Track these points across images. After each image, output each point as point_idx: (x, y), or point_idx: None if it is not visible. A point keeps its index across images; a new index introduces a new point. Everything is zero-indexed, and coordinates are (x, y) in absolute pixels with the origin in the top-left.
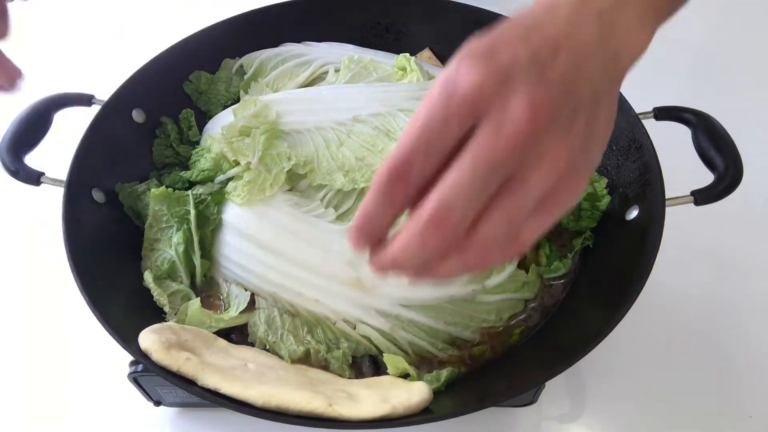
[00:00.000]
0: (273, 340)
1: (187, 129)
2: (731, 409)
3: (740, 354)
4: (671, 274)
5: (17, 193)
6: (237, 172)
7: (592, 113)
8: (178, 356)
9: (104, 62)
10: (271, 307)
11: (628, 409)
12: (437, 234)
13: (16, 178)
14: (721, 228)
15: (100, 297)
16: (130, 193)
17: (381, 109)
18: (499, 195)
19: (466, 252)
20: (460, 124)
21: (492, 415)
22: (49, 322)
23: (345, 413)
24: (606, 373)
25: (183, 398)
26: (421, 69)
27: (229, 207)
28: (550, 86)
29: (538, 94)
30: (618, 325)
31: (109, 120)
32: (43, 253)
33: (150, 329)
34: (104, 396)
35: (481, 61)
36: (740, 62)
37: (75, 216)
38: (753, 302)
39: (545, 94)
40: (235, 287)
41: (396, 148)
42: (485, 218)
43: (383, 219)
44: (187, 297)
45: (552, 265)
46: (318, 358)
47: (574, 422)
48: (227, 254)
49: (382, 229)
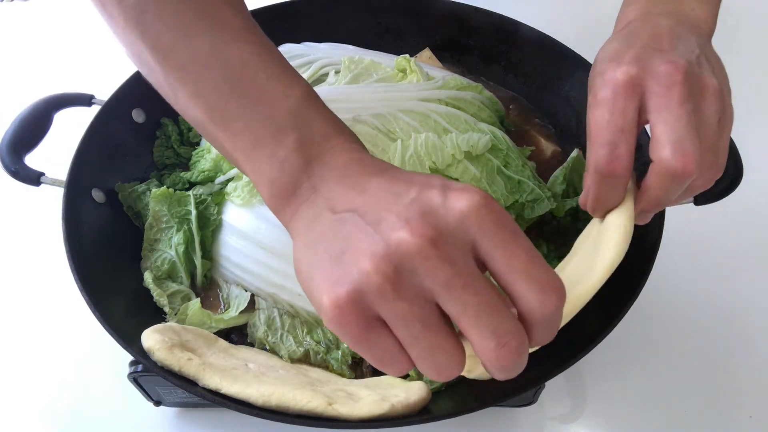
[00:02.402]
0: (273, 340)
1: (188, 130)
2: (731, 409)
3: (740, 354)
4: (671, 274)
5: (17, 193)
6: (237, 173)
7: (704, 54)
8: (180, 356)
9: (104, 62)
10: (270, 308)
11: (628, 409)
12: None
13: (16, 178)
14: (721, 228)
15: (100, 297)
16: (130, 194)
17: (381, 109)
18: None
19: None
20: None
21: (492, 415)
22: (49, 322)
23: (345, 412)
24: (606, 373)
25: (183, 398)
26: (421, 70)
27: (229, 207)
28: (678, 62)
29: (681, 64)
30: (618, 325)
31: (109, 120)
32: (43, 253)
33: (153, 329)
34: (104, 396)
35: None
36: (740, 62)
37: (75, 216)
38: (753, 302)
39: (683, 64)
40: (235, 288)
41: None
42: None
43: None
44: (187, 297)
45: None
46: (317, 358)
47: (574, 422)
48: (227, 255)
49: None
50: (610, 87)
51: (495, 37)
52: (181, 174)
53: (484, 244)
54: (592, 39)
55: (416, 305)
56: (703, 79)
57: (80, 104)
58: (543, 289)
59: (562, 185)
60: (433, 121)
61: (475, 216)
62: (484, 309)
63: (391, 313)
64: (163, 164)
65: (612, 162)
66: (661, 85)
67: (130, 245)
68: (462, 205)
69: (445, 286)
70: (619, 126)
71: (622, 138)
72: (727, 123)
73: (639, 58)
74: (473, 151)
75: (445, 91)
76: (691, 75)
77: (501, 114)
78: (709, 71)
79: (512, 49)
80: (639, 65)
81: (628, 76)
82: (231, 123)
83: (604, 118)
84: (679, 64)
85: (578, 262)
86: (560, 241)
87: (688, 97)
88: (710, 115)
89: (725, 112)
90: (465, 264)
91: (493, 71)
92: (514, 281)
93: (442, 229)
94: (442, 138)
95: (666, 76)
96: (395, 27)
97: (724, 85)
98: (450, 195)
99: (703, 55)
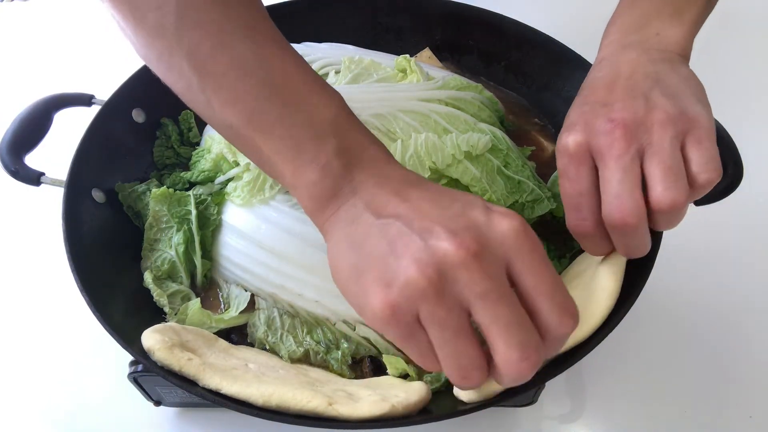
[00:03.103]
0: (273, 340)
1: (187, 130)
2: (731, 409)
3: (740, 354)
4: (671, 275)
5: (17, 193)
6: (237, 173)
7: (659, 84)
8: (180, 356)
9: (104, 62)
10: (270, 308)
11: (628, 409)
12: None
13: (16, 178)
14: (721, 228)
15: (100, 297)
16: (130, 194)
17: (382, 109)
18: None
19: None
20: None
21: (492, 415)
22: (48, 322)
23: (345, 412)
24: (606, 373)
25: (183, 398)
26: (421, 70)
27: (229, 207)
28: (616, 117)
29: (618, 120)
30: (618, 325)
31: (109, 120)
32: (43, 253)
33: (153, 329)
34: (104, 396)
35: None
36: (740, 62)
37: (75, 216)
38: (753, 302)
39: (621, 118)
40: (235, 287)
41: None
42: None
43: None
44: (187, 297)
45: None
46: (317, 359)
47: (574, 422)
48: (227, 255)
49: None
50: (564, 156)
51: (495, 37)
52: (181, 174)
53: (518, 265)
54: (592, 39)
55: (453, 312)
56: (649, 119)
57: (80, 104)
58: (563, 312)
59: None
60: (433, 121)
61: (514, 239)
62: (515, 323)
63: (430, 316)
64: (163, 164)
65: (579, 224)
66: (603, 145)
67: (130, 245)
68: (504, 227)
69: (482, 297)
70: (576, 191)
71: (582, 201)
72: (700, 135)
73: (586, 122)
74: (473, 151)
75: (445, 91)
76: (633, 123)
77: (501, 114)
78: (661, 102)
79: (512, 49)
80: (586, 130)
81: (576, 144)
82: (271, 128)
83: (564, 186)
84: (618, 120)
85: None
86: (560, 240)
87: (626, 150)
88: (662, 144)
89: (694, 125)
90: (500, 280)
91: (493, 71)
92: (540, 301)
93: (484, 245)
94: (442, 138)
95: (606, 135)
96: (395, 27)
97: (683, 104)
98: (493, 216)
99: (660, 87)
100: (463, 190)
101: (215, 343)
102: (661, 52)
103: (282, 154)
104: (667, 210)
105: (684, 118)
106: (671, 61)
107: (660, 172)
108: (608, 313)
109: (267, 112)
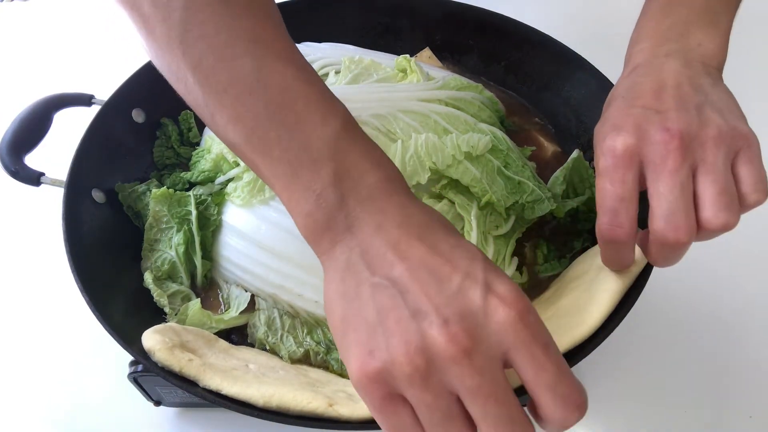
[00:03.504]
0: (273, 341)
1: (187, 130)
2: (731, 409)
3: (740, 354)
4: (671, 275)
5: (17, 193)
6: (237, 173)
7: (707, 99)
8: (180, 357)
9: (104, 62)
10: (271, 309)
11: (628, 409)
12: None
13: (16, 179)
14: None
15: (100, 297)
16: (130, 194)
17: (382, 110)
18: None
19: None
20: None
21: None
22: (49, 322)
23: (345, 413)
24: (606, 373)
25: (183, 398)
26: (421, 70)
27: (229, 208)
28: (673, 128)
29: (675, 131)
30: (618, 325)
31: (109, 120)
32: (43, 253)
33: (153, 329)
34: (104, 396)
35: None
36: (740, 62)
37: (75, 216)
38: (753, 302)
39: (678, 130)
40: (235, 288)
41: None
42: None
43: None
44: (188, 297)
45: (547, 264)
46: (318, 359)
47: None
48: (227, 255)
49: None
50: (610, 157)
51: (495, 37)
52: (181, 174)
53: (517, 357)
54: (592, 39)
55: (441, 398)
56: (703, 134)
57: (80, 104)
58: (566, 406)
59: (562, 186)
60: (434, 122)
61: (512, 330)
62: (504, 422)
63: (417, 400)
64: (163, 164)
65: (613, 230)
66: (657, 154)
67: (130, 245)
68: (501, 318)
69: (470, 392)
70: (618, 195)
71: (621, 206)
72: (751, 155)
73: (637, 125)
74: (473, 151)
75: (445, 91)
76: (688, 136)
77: (501, 114)
78: (713, 117)
79: (512, 49)
80: (637, 134)
81: (625, 146)
82: (269, 150)
83: (606, 187)
84: (674, 131)
85: (571, 303)
86: (560, 241)
87: (682, 164)
88: (716, 162)
89: (745, 144)
90: (493, 375)
91: (493, 71)
92: (541, 394)
93: (477, 340)
94: (442, 138)
95: (661, 145)
96: (395, 27)
97: (733, 121)
98: (491, 301)
99: (708, 102)
100: (464, 190)
101: (215, 344)
102: (704, 66)
103: (279, 179)
104: (717, 231)
105: (735, 135)
106: (712, 76)
107: (714, 193)
108: (609, 313)
109: (265, 132)
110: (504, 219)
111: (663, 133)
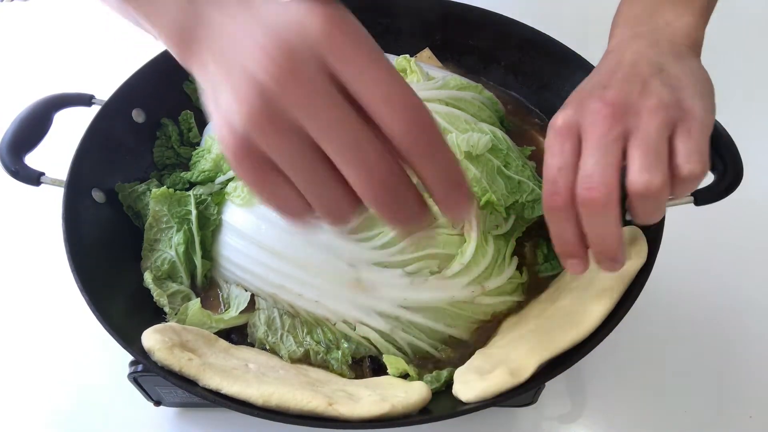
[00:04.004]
0: (273, 340)
1: (187, 131)
2: (731, 409)
3: (740, 354)
4: (671, 275)
5: (17, 193)
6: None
7: (661, 74)
8: (180, 356)
9: (104, 62)
10: (271, 308)
11: (628, 409)
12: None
13: (16, 178)
14: (721, 228)
15: (100, 297)
16: (130, 194)
17: None
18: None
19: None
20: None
21: (492, 415)
22: (49, 322)
23: (345, 412)
24: (606, 373)
25: (183, 398)
26: (421, 70)
27: (229, 208)
28: (605, 96)
29: (608, 99)
30: (618, 325)
31: (109, 120)
32: (43, 253)
33: (153, 329)
34: (104, 396)
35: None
36: (740, 62)
37: (75, 216)
38: (753, 302)
39: (611, 98)
40: (235, 288)
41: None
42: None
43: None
44: (188, 297)
45: (547, 264)
46: (318, 359)
47: (574, 422)
48: (227, 255)
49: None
50: (551, 132)
51: (495, 37)
52: (181, 174)
53: (345, 71)
54: (592, 39)
55: (292, 137)
56: (640, 104)
57: (80, 104)
58: (403, 114)
59: None
60: None
61: (328, 38)
62: (349, 144)
63: (272, 148)
64: (163, 164)
65: (551, 196)
66: (588, 122)
67: (130, 245)
68: (315, 28)
69: (306, 114)
70: (556, 165)
71: (559, 175)
72: (690, 126)
73: (580, 101)
74: (473, 151)
75: (445, 91)
76: (623, 106)
77: (501, 114)
78: (658, 90)
79: (512, 49)
80: (577, 109)
81: (564, 120)
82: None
83: (546, 160)
84: (608, 100)
85: (571, 303)
86: None
87: (610, 130)
88: (647, 129)
89: (687, 116)
90: (322, 88)
91: (493, 71)
92: (377, 108)
93: (295, 59)
94: None
95: (594, 114)
96: (395, 27)
97: (681, 95)
98: (303, 13)
99: (661, 77)
100: None
101: (215, 343)
102: (672, 44)
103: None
104: (640, 193)
105: (677, 107)
106: (680, 54)
107: (639, 154)
108: (608, 313)
109: None
110: (504, 218)
111: (597, 102)
